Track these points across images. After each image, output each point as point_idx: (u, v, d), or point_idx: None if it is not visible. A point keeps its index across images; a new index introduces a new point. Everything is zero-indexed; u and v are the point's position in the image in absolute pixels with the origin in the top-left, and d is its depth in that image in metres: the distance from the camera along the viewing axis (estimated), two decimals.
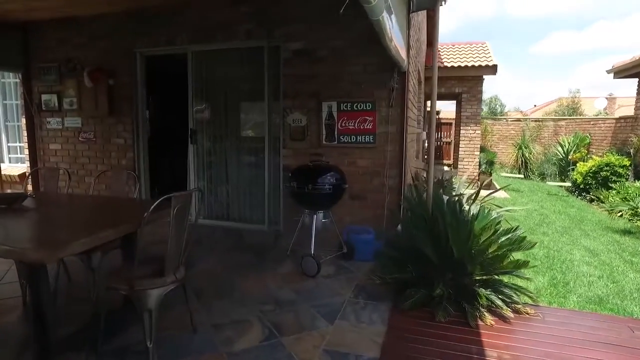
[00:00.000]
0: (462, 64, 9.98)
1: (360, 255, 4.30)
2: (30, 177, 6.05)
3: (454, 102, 11.97)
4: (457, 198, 4.42)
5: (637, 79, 9.88)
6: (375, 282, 3.54)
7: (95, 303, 3.07)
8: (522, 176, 12.37)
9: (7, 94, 6.49)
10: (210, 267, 4.15)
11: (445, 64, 10.09)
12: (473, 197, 4.37)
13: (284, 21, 4.55)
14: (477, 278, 3.32)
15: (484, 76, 10.33)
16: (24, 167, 6.28)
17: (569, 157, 11.24)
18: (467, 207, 3.99)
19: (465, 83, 10.34)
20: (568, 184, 10.18)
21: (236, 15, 4.72)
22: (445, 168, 12.17)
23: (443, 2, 5.03)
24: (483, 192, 4.93)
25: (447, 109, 17.07)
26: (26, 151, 6.16)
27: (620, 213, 6.97)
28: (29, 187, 6.18)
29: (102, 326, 2.59)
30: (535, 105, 36.33)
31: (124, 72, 5.40)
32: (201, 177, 5.30)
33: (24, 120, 6.10)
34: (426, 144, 11.40)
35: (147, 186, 5.67)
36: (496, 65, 9.69)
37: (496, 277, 3.40)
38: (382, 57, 4.23)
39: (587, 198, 8.80)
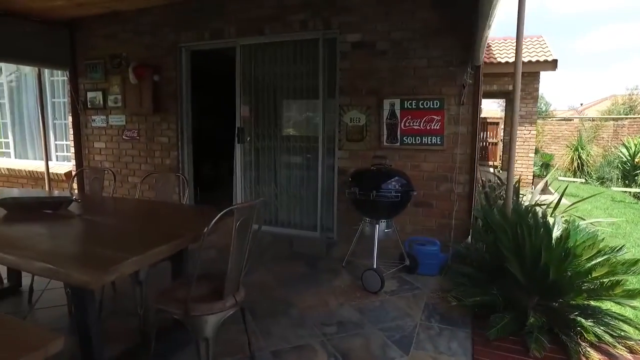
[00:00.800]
0: None
1: (424, 269, 3.88)
2: (76, 177, 5.96)
3: (495, 100, 11.29)
4: (534, 208, 3.94)
5: None
6: (450, 304, 3.11)
7: (143, 320, 2.80)
8: (582, 180, 11.51)
9: (56, 92, 6.43)
10: (261, 278, 3.84)
11: (499, 59, 9.43)
12: (553, 206, 3.87)
13: (342, 11, 4.18)
14: (572, 303, 2.85)
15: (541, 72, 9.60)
16: (69, 166, 6.19)
17: (635, 160, 10.33)
18: (551, 219, 3.50)
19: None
20: (636, 189, 9.33)
21: (289, 5, 4.38)
22: (490, 169, 11.50)
23: None
24: (545, 199, 4.40)
25: (487, 107, 16.28)
26: (72, 149, 6.06)
27: None
28: (74, 187, 6.09)
29: (152, 349, 2.30)
30: (581, 104, 34.37)
31: (169, 67, 5.18)
32: (247, 178, 5.00)
33: (70, 118, 6.01)
34: None
35: (191, 187, 5.43)
36: (556, 60, 8.96)
37: (593, 302, 2.91)
38: (450, 49, 3.82)
39: None
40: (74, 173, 6.10)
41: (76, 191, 6.14)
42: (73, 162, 6.09)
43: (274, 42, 4.60)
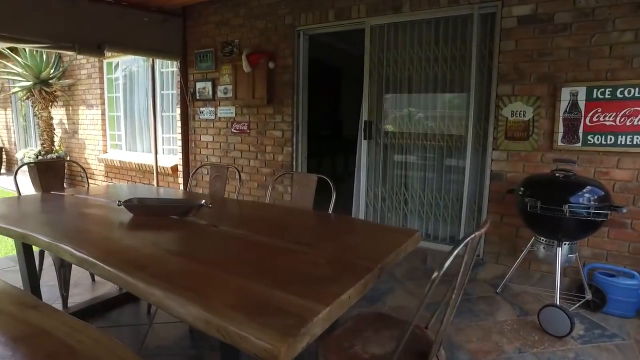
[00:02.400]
0: None
1: (615, 307, 2.98)
2: (186, 172, 5.76)
3: None
4: None
5: None
6: None
7: None
8: None
9: (164, 83, 6.29)
10: (401, 301, 3.19)
11: None
12: None
13: None
14: None
15: None
16: (175, 159, 6.01)
17: None
18: None
19: None
20: None
21: None
22: None
23: None
24: None
25: None
26: (179, 142, 5.86)
27: None
28: (180, 182, 5.89)
29: None
30: None
31: (285, 54, 4.69)
32: (372, 178, 4.37)
33: (178, 110, 5.80)
34: None
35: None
36: None
37: None
38: None
39: None
40: (179, 167, 5.90)
41: (181, 186, 5.95)
42: (179, 155, 5.90)
43: (412, 21, 3.90)
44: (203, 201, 2.33)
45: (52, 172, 3.37)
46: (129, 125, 7.02)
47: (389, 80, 4.18)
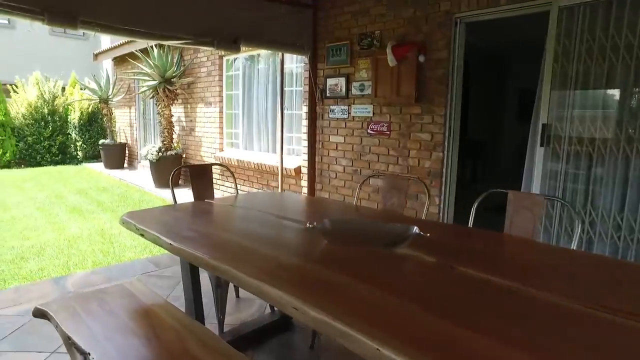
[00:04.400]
0: None
1: None
2: (311, 175, 5.41)
3: None
4: None
5: None
6: None
7: None
8: None
9: (287, 80, 6.02)
10: None
11: None
12: None
13: None
14: None
15: None
16: (299, 160, 5.69)
17: None
18: None
19: None
20: None
21: None
22: None
23: None
24: None
25: None
26: (302, 142, 5.54)
27: None
28: (303, 185, 5.55)
29: None
30: None
31: (438, 46, 4.10)
32: (545, 193, 3.63)
33: (304, 109, 5.47)
34: None
35: (452, 201, 4.28)
36: None
37: None
38: None
39: None
40: (303, 169, 5.58)
41: (304, 189, 5.62)
42: (302, 156, 5.57)
43: None
44: (415, 228, 1.83)
45: (204, 176, 3.11)
46: (246, 123, 6.88)
47: (578, 74, 3.41)
